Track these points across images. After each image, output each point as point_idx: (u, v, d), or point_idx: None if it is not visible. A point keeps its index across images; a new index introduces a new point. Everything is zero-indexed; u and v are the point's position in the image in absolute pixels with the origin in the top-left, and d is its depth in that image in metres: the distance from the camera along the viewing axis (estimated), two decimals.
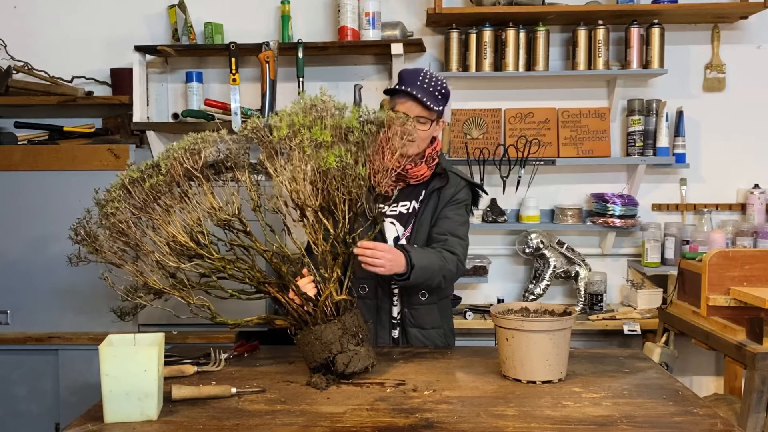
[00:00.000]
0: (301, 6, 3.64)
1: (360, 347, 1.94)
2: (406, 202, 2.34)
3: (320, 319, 1.94)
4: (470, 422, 1.63)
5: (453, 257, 2.27)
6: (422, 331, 2.35)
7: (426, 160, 2.30)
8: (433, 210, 2.33)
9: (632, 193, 3.60)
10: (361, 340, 1.95)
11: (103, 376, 1.63)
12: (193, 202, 1.94)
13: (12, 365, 3.27)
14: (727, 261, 2.64)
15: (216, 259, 1.93)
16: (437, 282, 2.24)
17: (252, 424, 1.63)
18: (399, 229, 2.32)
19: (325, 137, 1.88)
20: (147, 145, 3.53)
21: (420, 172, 2.30)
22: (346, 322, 1.94)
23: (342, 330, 1.92)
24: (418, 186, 2.34)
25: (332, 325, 1.93)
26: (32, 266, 3.27)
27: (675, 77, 3.59)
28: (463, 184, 2.37)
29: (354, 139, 1.95)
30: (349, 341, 1.93)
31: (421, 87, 2.23)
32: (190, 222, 1.93)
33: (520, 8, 3.40)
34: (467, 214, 2.40)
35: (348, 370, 1.91)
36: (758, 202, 3.52)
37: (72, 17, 3.71)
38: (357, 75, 3.66)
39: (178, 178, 1.94)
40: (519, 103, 3.65)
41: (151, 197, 1.93)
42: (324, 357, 1.91)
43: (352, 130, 1.95)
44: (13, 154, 3.29)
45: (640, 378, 1.97)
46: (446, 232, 2.30)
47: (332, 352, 1.91)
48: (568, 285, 3.67)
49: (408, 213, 2.34)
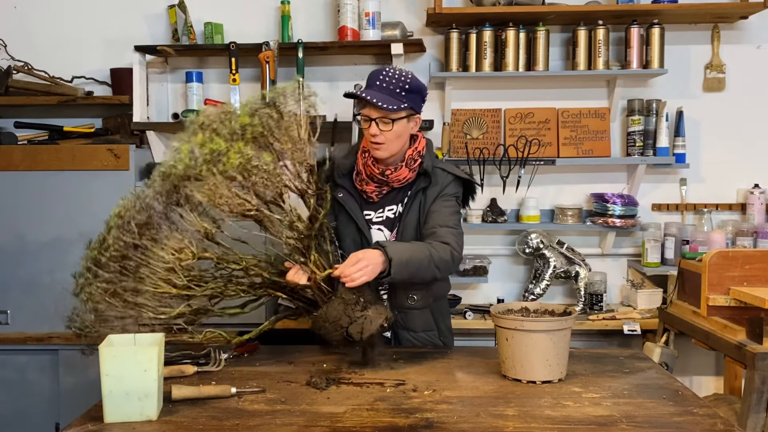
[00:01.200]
0: (301, 6, 3.64)
1: (367, 311, 1.96)
2: (393, 206, 2.28)
3: (320, 301, 1.98)
4: (470, 422, 1.63)
5: (444, 246, 2.15)
6: (414, 333, 2.32)
7: (407, 162, 2.23)
8: (418, 211, 2.25)
9: (632, 193, 3.60)
10: (365, 304, 1.97)
11: (103, 376, 1.63)
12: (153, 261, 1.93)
13: (12, 365, 3.27)
14: (727, 261, 2.64)
15: (209, 288, 1.95)
16: (431, 274, 2.14)
17: (252, 424, 1.63)
18: (386, 234, 2.28)
19: (219, 146, 1.86)
20: (147, 145, 3.53)
21: (402, 176, 2.23)
22: (343, 294, 1.96)
23: (343, 302, 1.95)
24: (403, 189, 2.28)
25: (332, 302, 1.96)
26: (32, 266, 3.27)
27: (675, 77, 3.59)
28: (450, 179, 2.28)
29: (251, 132, 1.93)
30: (354, 310, 1.95)
31: (380, 87, 2.17)
32: (162, 276, 1.92)
33: (520, 8, 3.40)
34: (458, 204, 2.31)
35: (365, 335, 1.94)
36: (758, 202, 3.52)
37: (72, 17, 3.71)
38: (357, 75, 3.66)
39: (127, 250, 1.94)
40: (519, 103, 3.65)
41: (116, 268, 1.93)
42: (339, 334, 1.94)
43: (246, 127, 1.94)
44: (13, 154, 3.29)
45: (640, 378, 1.97)
46: (435, 225, 2.20)
47: (343, 326, 1.94)
48: (568, 285, 3.67)
49: (395, 217, 2.28)
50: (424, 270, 2.11)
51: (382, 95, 2.16)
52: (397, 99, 2.17)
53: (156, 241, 1.93)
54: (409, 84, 2.19)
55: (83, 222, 3.27)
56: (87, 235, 3.06)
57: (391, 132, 2.17)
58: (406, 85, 2.18)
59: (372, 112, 2.16)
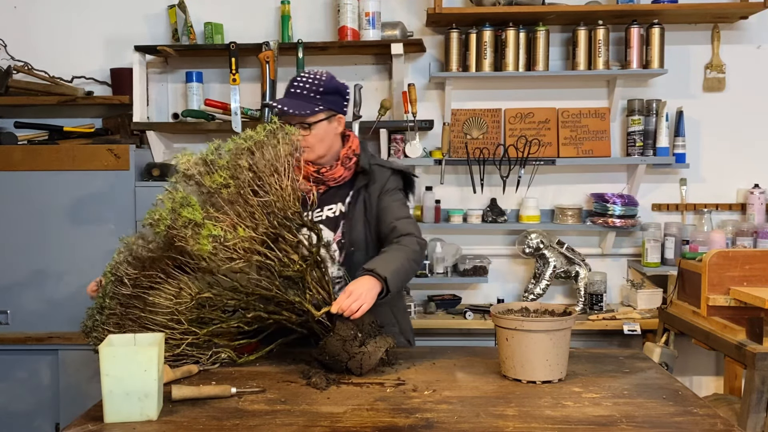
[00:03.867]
0: (301, 6, 3.64)
1: (365, 346, 1.97)
2: (332, 206, 2.28)
3: (321, 335, 2.00)
4: (470, 422, 1.63)
5: (410, 238, 2.18)
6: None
7: (342, 161, 2.25)
8: (364, 209, 2.27)
9: (632, 193, 3.60)
10: (363, 339, 1.97)
11: (103, 376, 1.62)
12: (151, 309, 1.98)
13: (12, 365, 3.27)
14: (727, 261, 2.64)
15: (212, 325, 1.99)
16: (414, 271, 2.19)
17: (252, 424, 1.63)
18: (328, 234, 2.26)
19: (196, 217, 1.87)
20: (147, 145, 3.53)
21: (337, 174, 2.25)
22: (340, 330, 1.96)
23: (341, 339, 1.96)
24: (342, 188, 2.28)
25: (330, 338, 1.97)
26: (32, 266, 3.27)
27: (675, 77, 3.59)
28: (388, 174, 2.30)
29: (227, 194, 1.93)
30: (352, 345, 1.96)
31: (294, 94, 2.20)
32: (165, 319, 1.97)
33: (520, 8, 3.40)
34: (404, 197, 2.34)
35: (364, 371, 1.96)
36: (758, 202, 3.52)
37: (72, 17, 3.71)
38: (357, 75, 3.66)
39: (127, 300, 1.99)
40: (519, 103, 3.65)
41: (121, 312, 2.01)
42: (340, 368, 1.97)
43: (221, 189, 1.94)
44: (13, 154, 3.29)
45: (640, 378, 1.97)
46: (392, 220, 2.23)
47: (343, 361, 1.95)
48: (568, 285, 3.67)
49: (335, 216, 2.28)
50: (409, 272, 2.16)
51: (295, 102, 2.19)
52: (311, 103, 2.19)
53: (152, 288, 1.96)
54: (324, 86, 2.22)
55: (83, 222, 3.28)
56: (88, 234, 3.07)
57: (312, 136, 2.20)
58: (320, 88, 2.21)
59: (290, 119, 2.18)
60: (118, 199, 3.27)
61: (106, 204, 3.28)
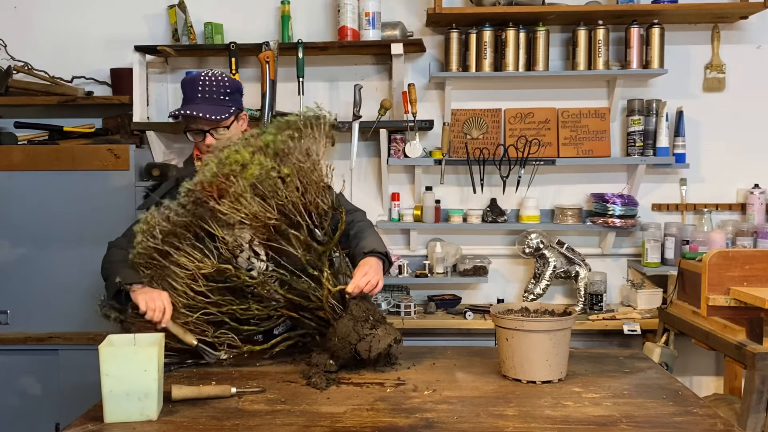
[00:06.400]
0: (301, 6, 3.64)
1: (376, 329, 1.97)
2: None
3: (331, 318, 2.00)
4: (470, 422, 1.63)
5: (360, 213, 2.32)
6: None
7: None
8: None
9: (632, 193, 3.60)
10: (375, 323, 1.99)
11: (103, 376, 1.63)
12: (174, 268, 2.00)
13: (12, 365, 3.27)
14: (727, 261, 2.64)
15: (228, 303, 2.01)
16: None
17: (252, 424, 1.63)
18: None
19: (243, 158, 1.90)
20: (147, 146, 3.53)
21: None
22: (353, 311, 1.98)
23: (353, 320, 1.97)
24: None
25: (342, 318, 1.98)
26: (32, 266, 3.28)
27: (675, 77, 3.59)
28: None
29: (274, 149, 1.97)
30: (363, 327, 1.97)
31: (203, 99, 2.19)
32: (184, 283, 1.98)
33: (520, 8, 3.40)
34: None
35: (372, 354, 1.95)
36: (758, 202, 3.52)
37: (72, 17, 3.71)
38: (357, 75, 3.66)
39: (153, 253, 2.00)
40: (519, 103, 3.65)
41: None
42: (348, 351, 1.96)
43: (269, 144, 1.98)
44: (13, 154, 3.29)
45: (640, 378, 1.97)
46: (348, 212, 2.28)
47: (351, 343, 1.95)
48: (568, 285, 3.67)
49: None
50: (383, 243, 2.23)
51: (209, 107, 2.18)
52: (223, 106, 2.20)
53: (179, 249, 1.97)
54: (229, 86, 2.23)
55: (83, 222, 3.28)
56: (87, 235, 3.07)
57: (225, 138, 2.20)
58: (227, 89, 2.22)
59: (203, 124, 2.18)
60: (118, 199, 3.27)
61: (106, 204, 3.28)
